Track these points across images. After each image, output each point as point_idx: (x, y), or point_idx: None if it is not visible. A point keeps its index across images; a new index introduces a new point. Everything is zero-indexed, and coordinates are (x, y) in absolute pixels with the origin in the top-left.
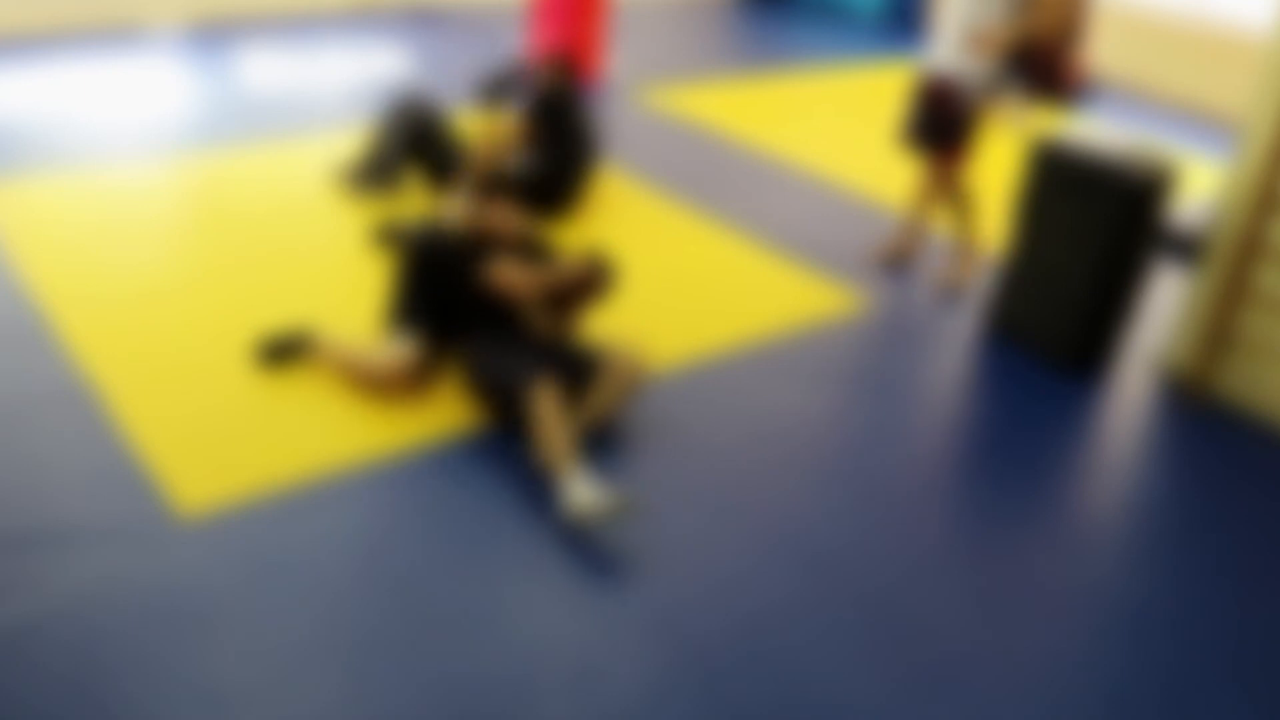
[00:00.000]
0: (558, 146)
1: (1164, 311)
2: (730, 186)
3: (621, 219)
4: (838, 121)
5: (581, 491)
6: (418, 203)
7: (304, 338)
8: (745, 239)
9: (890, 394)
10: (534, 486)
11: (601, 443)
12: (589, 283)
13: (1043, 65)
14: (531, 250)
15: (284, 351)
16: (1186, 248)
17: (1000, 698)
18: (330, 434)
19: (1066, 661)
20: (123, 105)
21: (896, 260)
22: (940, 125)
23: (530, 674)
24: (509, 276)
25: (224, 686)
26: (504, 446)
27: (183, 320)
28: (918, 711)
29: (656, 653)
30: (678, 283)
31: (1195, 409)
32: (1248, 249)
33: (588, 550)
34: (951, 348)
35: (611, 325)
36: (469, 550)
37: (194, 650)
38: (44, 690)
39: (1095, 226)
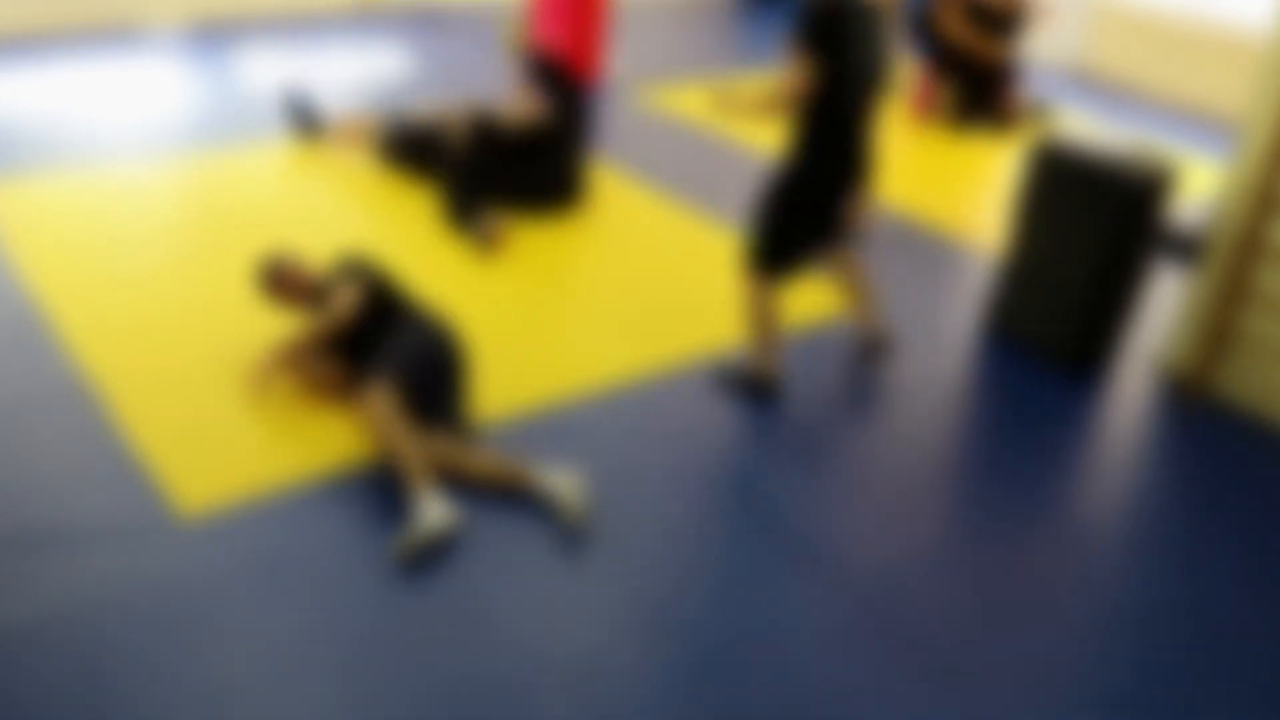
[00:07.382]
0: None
1: (1164, 311)
2: (730, 186)
3: (620, 218)
4: None
5: (433, 509)
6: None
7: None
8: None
9: (889, 393)
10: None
11: (598, 441)
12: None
13: (985, 95)
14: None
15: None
16: (1186, 248)
17: (1001, 697)
18: (330, 433)
19: (1067, 661)
20: (122, 105)
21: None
22: None
23: (530, 674)
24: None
25: (224, 686)
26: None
27: (182, 320)
28: (918, 711)
29: (656, 652)
30: (677, 281)
31: (1195, 409)
32: (1247, 249)
33: (588, 551)
34: (951, 347)
35: (610, 325)
36: (469, 549)
37: (194, 650)
38: (45, 690)
39: (1095, 227)
